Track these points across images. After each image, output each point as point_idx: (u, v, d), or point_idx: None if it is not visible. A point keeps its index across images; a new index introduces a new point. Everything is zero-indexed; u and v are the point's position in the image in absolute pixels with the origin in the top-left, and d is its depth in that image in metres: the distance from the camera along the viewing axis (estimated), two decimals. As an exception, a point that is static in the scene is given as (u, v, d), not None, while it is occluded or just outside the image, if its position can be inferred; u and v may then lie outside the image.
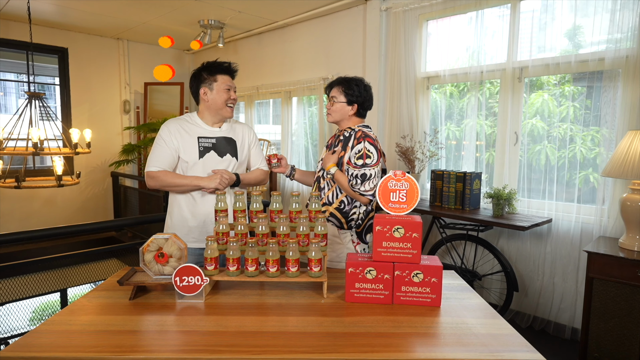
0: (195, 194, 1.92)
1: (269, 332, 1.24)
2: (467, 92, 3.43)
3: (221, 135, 1.98)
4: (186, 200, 1.93)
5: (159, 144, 1.90)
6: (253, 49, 5.28)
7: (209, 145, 1.93)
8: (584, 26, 2.77)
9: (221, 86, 1.93)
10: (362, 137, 1.94)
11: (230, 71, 1.98)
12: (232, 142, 1.99)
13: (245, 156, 2.05)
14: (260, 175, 2.08)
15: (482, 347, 1.16)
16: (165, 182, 1.86)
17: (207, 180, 1.85)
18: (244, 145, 2.04)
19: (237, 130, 2.05)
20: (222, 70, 1.94)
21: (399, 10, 3.58)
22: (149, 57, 5.98)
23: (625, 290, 2.21)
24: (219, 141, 1.96)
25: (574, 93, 2.85)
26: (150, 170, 1.87)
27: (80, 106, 5.44)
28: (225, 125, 2.01)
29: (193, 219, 1.94)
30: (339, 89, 2.02)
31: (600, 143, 2.72)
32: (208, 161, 1.91)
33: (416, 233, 1.43)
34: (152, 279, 1.49)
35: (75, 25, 5.07)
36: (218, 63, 1.96)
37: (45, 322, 1.26)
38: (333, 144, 2.09)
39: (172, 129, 1.91)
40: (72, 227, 2.80)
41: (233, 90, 1.97)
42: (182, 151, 1.90)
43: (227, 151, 1.96)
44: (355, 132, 2.00)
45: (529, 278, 3.03)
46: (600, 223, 2.65)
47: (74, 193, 5.45)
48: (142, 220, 3.44)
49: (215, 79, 1.93)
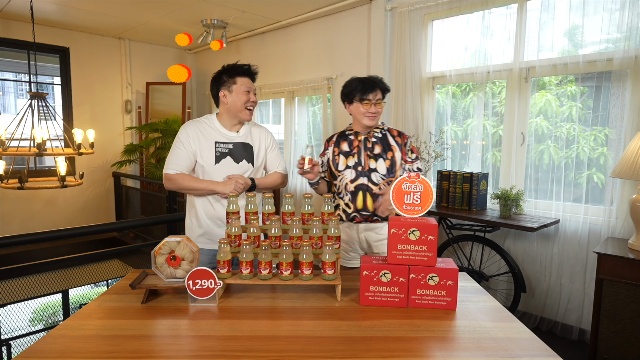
0: (212, 199, 1.95)
1: (285, 336, 1.22)
2: (469, 92, 3.43)
3: (238, 140, 1.99)
4: (202, 202, 1.96)
5: (177, 146, 1.93)
6: (256, 48, 5.26)
7: (225, 151, 1.94)
8: (591, 26, 2.75)
9: (240, 88, 1.93)
10: (402, 134, 2.04)
11: (250, 73, 1.99)
12: (248, 148, 2.00)
13: (261, 161, 2.06)
14: (278, 179, 2.09)
15: (503, 352, 1.15)
16: (182, 185, 1.90)
17: (222, 186, 1.88)
18: (261, 150, 2.05)
19: (255, 135, 2.05)
20: (242, 73, 1.95)
21: (404, 10, 3.57)
22: (150, 56, 5.95)
23: (635, 292, 2.20)
24: (236, 147, 1.98)
25: (576, 93, 2.85)
26: (168, 172, 1.90)
27: (81, 106, 5.42)
28: (244, 130, 2.02)
29: (209, 221, 1.97)
30: (380, 89, 2.00)
31: (604, 143, 2.72)
32: (224, 166, 1.94)
33: (432, 236, 1.42)
34: (164, 282, 1.48)
35: (76, 24, 5.04)
36: (238, 65, 1.97)
37: (58, 327, 1.24)
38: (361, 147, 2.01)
39: (190, 132, 1.93)
40: (77, 230, 2.78)
41: (253, 93, 1.97)
42: (199, 155, 1.92)
43: (243, 157, 1.98)
44: (389, 130, 2.05)
45: (536, 279, 3.02)
46: (609, 224, 2.64)
47: (76, 193, 5.43)
48: (147, 222, 3.42)
49: (235, 81, 1.93)
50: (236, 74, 1.94)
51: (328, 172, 2.11)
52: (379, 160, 1.98)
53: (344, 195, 2.03)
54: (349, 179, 1.99)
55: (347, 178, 2.00)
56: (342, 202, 2.04)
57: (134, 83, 5.85)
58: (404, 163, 2.02)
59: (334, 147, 2.08)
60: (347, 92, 2.03)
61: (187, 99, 5.90)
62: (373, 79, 2.02)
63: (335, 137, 2.11)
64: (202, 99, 6.30)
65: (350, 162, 2.01)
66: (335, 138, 2.11)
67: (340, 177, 2.02)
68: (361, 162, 1.99)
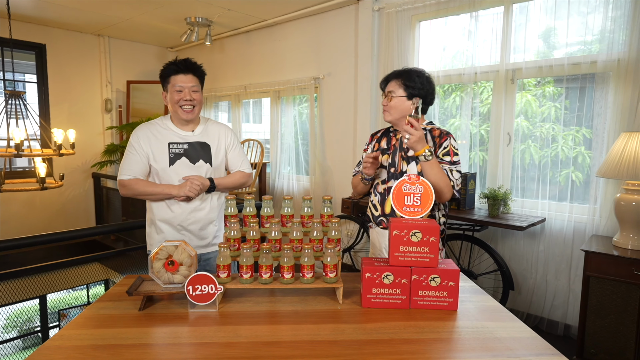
0: (170, 203, 1.88)
1: (291, 341, 1.20)
2: (452, 92, 3.49)
3: (194, 140, 1.90)
4: (159, 207, 1.89)
5: (129, 151, 1.86)
6: (241, 47, 5.20)
7: (180, 152, 1.86)
8: (574, 29, 2.83)
9: (172, 88, 1.84)
10: (444, 134, 1.79)
11: (185, 69, 1.84)
12: (205, 147, 1.92)
13: (221, 160, 1.97)
14: (241, 178, 2.00)
15: (508, 352, 1.16)
16: (137, 191, 1.83)
17: (177, 189, 1.81)
18: (220, 148, 1.96)
19: (212, 133, 1.95)
20: (172, 71, 1.84)
21: (391, 10, 3.58)
22: (131, 54, 5.81)
23: (620, 288, 2.27)
24: (192, 146, 1.89)
25: (555, 94, 2.93)
26: (122, 178, 1.84)
27: (59, 105, 5.24)
28: (200, 128, 1.94)
29: (167, 226, 1.90)
30: (398, 82, 1.81)
31: (581, 142, 2.81)
32: (179, 168, 1.85)
33: (434, 237, 1.42)
34: (162, 288, 1.44)
35: (53, 20, 4.87)
36: (170, 63, 1.86)
37: (54, 337, 1.19)
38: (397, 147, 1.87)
39: (141, 136, 1.86)
40: (60, 234, 2.67)
41: (190, 90, 1.83)
42: (152, 158, 1.85)
43: (199, 157, 1.89)
44: (430, 130, 1.82)
45: (523, 276, 3.09)
46: (593, 222, 2.72)
47: (54, 195, 5.25)
48: (133, 226, 3.31)
49: (168, 80, 1.85)
50: (168, 73, 1.85)
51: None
52: (411, 163, 1.82)
53: (372, 195, 1.93)
54: (381, 180, 1.88)
55: (380, 178, 1.88)
56: (370, 202, 1.93)
57: (114, 81, 5.70)
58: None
59: (375, 142, 1.97)
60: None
61: (169, 98, 5.77)
62: (389, 73, 1.88)
63: (380, 133, 1.99)
64: (185, 98, 6.18)
65: (384, 161, 1.88)
66: (380, 134, 1.99)
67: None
68: (394, 163, 1.85)
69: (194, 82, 1.85)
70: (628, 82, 2.52)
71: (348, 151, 4.14)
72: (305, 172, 4.67)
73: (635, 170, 2.21)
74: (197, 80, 1.87)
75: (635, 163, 2.22)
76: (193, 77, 1.85)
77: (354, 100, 4.00)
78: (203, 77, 1.92)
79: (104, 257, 4.63)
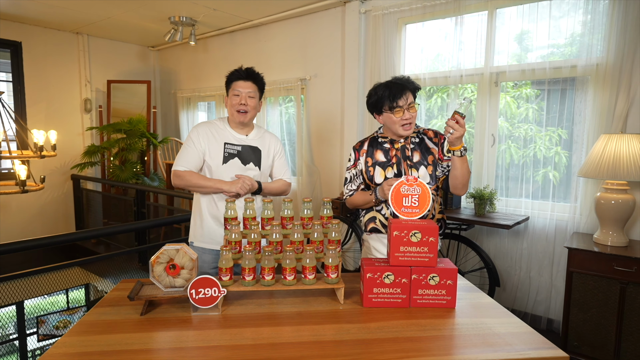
0: (217, 198, 1.98)
1: (297, 342, 1.22)
2: (433, 93, 3.57)
3: (247, 143, 2.04)
4: (207, 201, 2.01)
5: (188, 144, 1.99)
6: (225, 47, 5.16)
7: (234, 152, 2.00)
8: (556, 34, 2.94)
9: (232, 92, 2.00)
10: (439, 134, 1.87)
11: (245, 76, 2.00)
12: (257, 151, 2.05)
13: (268, 167, 2.11)
14: (283, 186, 2.13)
15: (508, 347, 1.20)
16: (190, 182, 1.95)
17: (228, 185, 1.93)
18: (269, 155, 2.10)
19: (265, 140, 2.10)
20: (235, 77, 2.00)
21: (378, 13, 3.63)
22: (111, 53, 5.69)
23: (602, 283, 2.37)
24: (245, 149, 2.03)
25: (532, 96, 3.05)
26: (177, 169, 1.96)
27: (36, 105, 5.08)
28: (254, 134, 2.08)
29: (212, 220, 2.01)
30: (409, 92, 1.80)
31: (558, 142, 2.93)
32: (231, 167, 1.99)
33: (433, 237, 1.46)
34: (164, 292, 1.43)
35: (30, 17, 4.72)
36: (232, 71, 2.02)
37: (56, 345, 1.17)
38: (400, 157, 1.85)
39: (201, 132, 2.00)
40: (46, 239, 2.59)
41: (247, 96, 1.98)
42: (207, 154, 1.98)
43: (250, 159, 2.03)
44: (425, 132, 1.89)
45: (507, 273, 3.18)
46: (574, 220, 2.83)
47: (31, 198, 5.08)
48: (118, 230, 3.25)
49: (230, 86, 2.01)
50: (232, 79, 2.01)
51: (363, 183, 1.95)
52: (420, 168, 1.82)
53: (383, 209, 1.87)
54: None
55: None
56: (381, 216, 1.88)
57: (94, 81, 5.57)
58: (440, 162, 1.83)
59: (366, 157, 1.89)
60: (374, 102, 1.84)
61: (152, 98, 5.68)
62: (400, 80, 1.82)
63: (366, 146, 1.91)
64: (167, 98, 6.10)
65: (389, 173, 1.84)
66: (366, 147, 1.91)
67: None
68: (402, 173, 1.82)
69: (252, 89, 1.99)
70: (606, 86, 2.63)
71: (335, 152, 4.17)
72: (292, 173, 4.68)
73: (615, 170, 2.31)
74: (255, 88, 2.01)
75: (615, 163, 2.32)
76: (252, 84, 1.99)
77: (341, 101, 4.03)
78: (262, 86, 2.06)
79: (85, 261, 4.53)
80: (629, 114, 2.62)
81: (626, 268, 2.29)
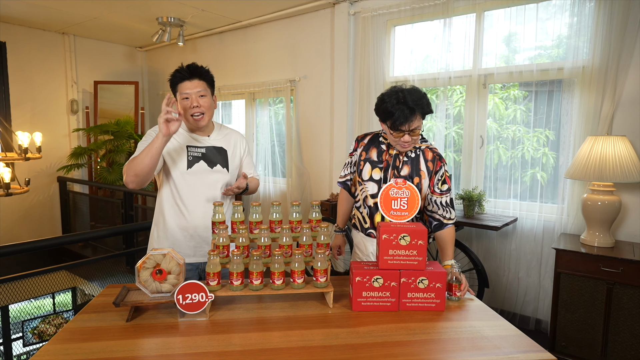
0: (182, 207, 1.83)
1: (286, 347, 1.21)
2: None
3: (211, 144, 1.89)
4: (173, 211, 1.84)
5: (145, 139, 1.79)
6: (214, 48, 5.13)
7: (198, 155, 1.84)
8: (542, 36, 2.97)
9: (180, 96, 1.79)
10: (437, 159, 1.78)
11: (185, 76, 1.77)
12: (222, 152, 1.91)
13: (236, 167, 1.97)
14: (258, 184, 2.06)
15: (497, 350, 1.21)
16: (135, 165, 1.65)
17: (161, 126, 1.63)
18: (235, 154, 1.96)
19: (231, 140, 1.96)
20: (178, 79, 1.78)
21: (367, 15, 3.63)
22: (98, 53, 5.61)
23: (589, 283, 2.40)
24: (209, 150, 1.87)
25: (520, 97, 3.09)
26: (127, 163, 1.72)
27: (20, 106, 4.99)
28: (216, 134, 1.93)
29: (180, 232, 1.84)
30: (420, 115, 1.67)
31: (545, 144, 2.96)
32: (197, 172, 1.83)
33: (422, 240, 1.46)
34: (150, 297, 1.40)
35: (14, 17, 4.64)
36: (173, 72, 1.79)
37: (39, 353, 1.14)
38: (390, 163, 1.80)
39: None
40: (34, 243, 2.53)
41: (195, 97, 1.77)
42: (169, 159, 1.80)
43: (217, 161, 1.88)
44: (423, 150, 1.80)
45: (496, 274, 3.20)
46: (561, 221, 2.86)
47: (15, 201, 4.98)
48: (108, 233, 3.18)
49: (176, 89, 1.80)
50: (175, 81, 1.79)
51: (353, 175, 1.95)
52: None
53: (361, 207, 1.88)
54: (370, 193, 1.82)
55: (369, 191, 1.82)
56: (359, 213, 1.91)
57: (80, 82, 5.49)
58: (431, 194, 1.78)
59: (362, 150, 1.88)
60: (381, 111, 1.72)
61: (140, 99, 5.62)
62: (414, 101, 1.64)
63: (366, 140, 1.89)
64: (155, 99, 6.03)
65: (375, 175, 1.82)
66: (367, 141, 1.89)
67: (362, 188, 1.85)
68: (386, 180, 1.79)
69: (201, 87, 1.78)
70: (592, 89, 2.66)
71: (325, 153, 4.16)
72: (282, 174, 4.66)
73: (601, 172, 2.34)
74: (205, 84, 1.79)
75: (601, 165, 2.35)
76: (199, 81, 1.78)
77: (331, 102, 4.03)
78: (211, 80, 1.84)
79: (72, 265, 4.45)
80: (615, 116, 2.65)
81: (612, 269, 2.31)
